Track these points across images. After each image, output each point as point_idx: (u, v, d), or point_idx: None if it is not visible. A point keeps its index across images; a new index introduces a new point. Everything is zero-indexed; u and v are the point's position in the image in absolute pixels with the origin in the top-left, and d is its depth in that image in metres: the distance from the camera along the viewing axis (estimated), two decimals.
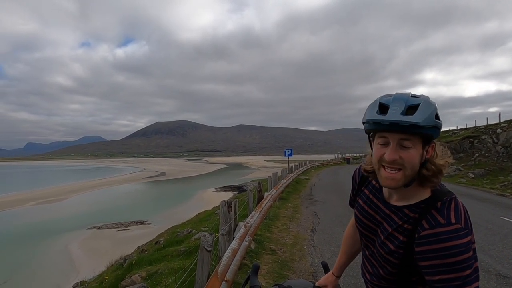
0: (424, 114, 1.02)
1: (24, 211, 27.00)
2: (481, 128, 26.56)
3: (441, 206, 1.06)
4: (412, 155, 1.05)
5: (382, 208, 1.21)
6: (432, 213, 1.06)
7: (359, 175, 1.38)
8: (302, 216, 9.57)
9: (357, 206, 1.34)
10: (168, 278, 4.99)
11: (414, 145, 1.05)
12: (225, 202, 5.33)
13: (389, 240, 1.15)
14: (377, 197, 1.25)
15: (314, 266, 5.31)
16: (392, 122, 1.03)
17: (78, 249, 16.51)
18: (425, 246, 1.03)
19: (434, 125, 1.04)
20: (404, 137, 1.04)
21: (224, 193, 31.90)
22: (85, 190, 40.16)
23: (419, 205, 1.10)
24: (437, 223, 1.03)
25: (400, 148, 1.05)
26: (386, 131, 1.06)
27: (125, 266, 7.65)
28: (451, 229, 1.00)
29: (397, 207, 1.15)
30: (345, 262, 1.59)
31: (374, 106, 1.10)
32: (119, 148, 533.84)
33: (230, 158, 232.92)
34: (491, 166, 21.18)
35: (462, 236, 0.99)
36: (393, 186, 1.09)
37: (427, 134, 1.04)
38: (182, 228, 11.02)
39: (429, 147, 1.08)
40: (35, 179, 67.00)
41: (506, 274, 4.87)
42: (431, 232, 1.03)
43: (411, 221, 1.10)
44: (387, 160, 1.06)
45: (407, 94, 1.09)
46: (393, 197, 1.18)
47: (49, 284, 12.23)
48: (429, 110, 1.03)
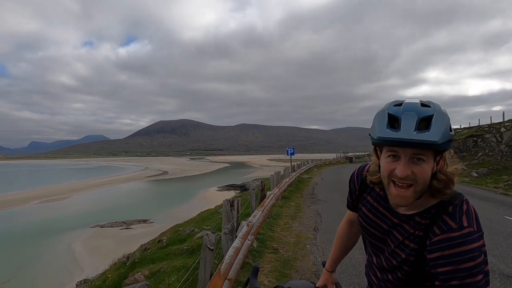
0: (440, 129, 0.96)
1: (28, 210, 27.16)
2: (484, 127, 26.41)
3: (453, 210, 1.03)
4: (425, 170, 1.00)
5: (390, 217, 1.16)
6: (444, 218, 1.03)
7: (359, 180, 1.32)
8: (305, 215, 9.56)
9: (360, 214, 1.30)
10: (171, 277, 5.00)
11: (427, 159, 1.00)
12: (227, 201, 5.34)
13: (400, 248, 1.13)
14: (383, 206, 1.20)
15: (317, 265, 5.30)
16: (407, 141, 0.96)
17: (81, 247, 16.60)
18: (438, 252, 1.00)
19: (449, 139, 0.99)
20: (417, 152, 0.99)
21: (227, 192, 31.95)
22: (88, 189, 40.35)
23: (429, 211, 1.07)
24: (449, 228, 1.00)
25: (413, 162, 1.00)
26: (397, 146, 1.00)
27: (128, 264, 7.69)
28: (463, 233, 0.98)
29: (408, 216, 1.11)
30: (339, 257, 1.59)
31: (383, 118, 1.03)
32: (122, 147, 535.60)
33: (232, 157, 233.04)
34: (494, 165, 21.07)
35: (475, 240, 0.97)
36: (403, 204, 1.05)
37: (442, 149, 1.00)
38: (184, 226, 11.05)
39: (440, 158, 1.04)
40: (39, 177, 67.36)
41: (510, 274, 4.84)
42: (443, 238, 1.00)
43: (422, 227, 1.07)
44: (399, 176, 1.01)
45: (417, 103, 1.02)
46: (401, 206, 1.13)
47: (52, 282, 12.30)
48: (444, 123, 0.98)
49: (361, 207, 1.30)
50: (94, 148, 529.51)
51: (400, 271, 1.14)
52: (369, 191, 1.27)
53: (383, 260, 1.20)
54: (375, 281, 1.27)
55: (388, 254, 1.18)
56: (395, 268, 1.15)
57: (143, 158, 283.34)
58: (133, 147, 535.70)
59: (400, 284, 1.16)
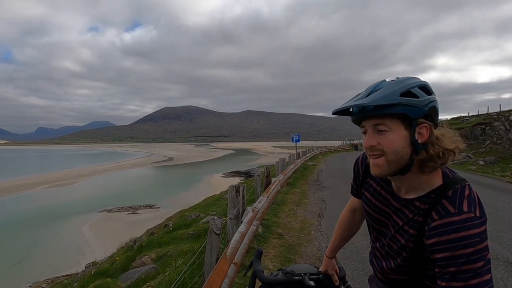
0: (379, 94, 0.97)
1: (36, 194, 27.68)
2: (493, 114, 26.01)
3: (453, 195, 1.00)
4: (390, 139, 0.99)
5: (392, 201, 1.16)
6: (442, 203, 1.00)
7: (363, 165, 1.31)
8: (309, 201, 9.61)
9: (364, 199, 1.29)
10: (177, 260, 5.10)
11: (390, 128, 0.99)
12: (233, 187, 5.37)
13: (400, 234, 1.12)
14: (385, 190, 1.19)
15: (321, 251, 5.35)
16: (342, 109, 1.02)
17: (89, 231, 16.95)
18: (435, 238, 0.97)
19: (401, 103, 0.97)
20: (376, 122, 1.00)
21: (232, 178, 32.15)
22: (95, 174, 40.88)
23: (429, 195, 1.04)
24: (447, 213, 0.97)
25: (378, 133, 1.01)
26: (360, 120, 1.04)
27: (135, 248, 7.84)
28: (462, 218, 0.94)
29: (407, 200, 1.10)
30: (339, 244, 1.59)
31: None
32: (128, 133, 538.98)
33: (237, 144, 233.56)
34: (502, 153, 20.86)
35: (475, 225, 0.93)
36: (378, 173, 1.05)
37: (397, 114, 0.98)
38: (190, 212, 11.19)
39: (420, 128, 1.00)
40: (47, 163, 68.37)
41: None
42: (440, 223, 0.97)
43: (421, 212, 1.05)
44: (365, 147, 1.04)
45: (386, 79, 1.04)
46: (401, 190, 1.12)
47: (62, 264, 12.64)
48: (390, 89, 0.98)
49: (364, 192, 1.30)
50: (100, 134, 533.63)
51: (399, 257, 1.13)
52: (372, 175, 1.26)
53: (385, 245, 1.20)
54: (378, 267, 1.27)
55: (389, 240, 1.17)
56: (396, 254, 1.15)
57: (148, 144, 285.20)
58: (139, 133, 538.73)
59: (401, 270, 1.15)
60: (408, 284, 1.17)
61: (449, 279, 0.93)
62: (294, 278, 1.43)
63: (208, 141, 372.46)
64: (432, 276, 1.06)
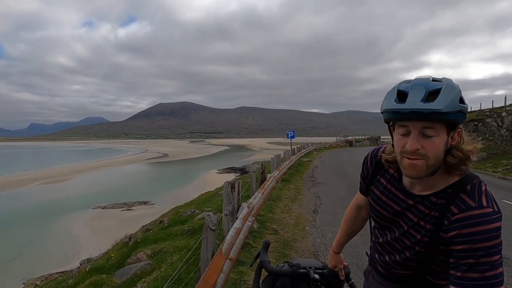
0: (447, 99, 0.95)
1: (30, 191, 27.43)
2: (486, 111, 26.30)
3: (471, 189, 1.02)
4: (436, 144, 0.99)
5: (403, 198, 1.16)
6: (461, 197, 1.02)
7: (373, 162, 1.31)
8: (304, 197, 9.66)
9: (372, 196, 1.29)
10: (173, 256, 5.11)
11: (437, 133, 0.98)
12: (228, 183, 5.38)
13: (415, 229, 1.12)
14: (396, 187, 1.20)
15: (316, 246, 5.40)
16: (412, 111, 0.96)
17: (83, 228, 16.87)
18: (455, 230, 1.00)
19: (459, 110, 0.97)
20: (426, 125, 0.98)
21: (227, 175, 32.15)
22: (89, 171, 40.60)
23: (445, 190, 1.06)
24: (468, 207, 0.99)
25: (423, 137, 0.99)
26: (406, 120, 1.00)
27: (130, 244, 7.83)
28: (483, 212, 0.97)
29: (422, 196, 1.11)
30: (345, 240, 1.61)
31: (392, 94, 1.04)
32: (122, 129, 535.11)
33: (232, 140, 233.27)
34: (494, 149, 21.13)
35: (494, 220, 0.96)
36: (415, 175, 1.03)
37: (451, 120, 0.98)
38: (185, 208, 11.19)
39: (455, 133, 1.02)
40: (40, 159, 67.66)
41: (505, 255, 4.94)
42: (462, 216, 0.99)
43: (438, 207, 1.06)
44: (409, 151, 1.00)
45: (427, 78, 1.02)
46: (415, 187, 1.13)
47: (56, 261, 12.58)
48: (452, 94, 0.97)
49: (373, 189, 1.30)
50: (94, 130, 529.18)
51: (410, 251, 1.14)
52: (382, 173, 1.27)
53: (393, 241, 1.20)
54: (381, 262, 1.28)
55: (400, 235, 1.17)
56: (405, 249, 1.16)
57: (143, 140, 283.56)
58: (133, 130, 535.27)
59: (408, 264, 1.17)
60: (411, 279, 1.19)
61: (466, 270, 0.97)
62: (299, 271, 1.45)
63: (203, 137, 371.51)
64: (437, 272, 1.10)
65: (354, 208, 1.52)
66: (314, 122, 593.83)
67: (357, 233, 1.61)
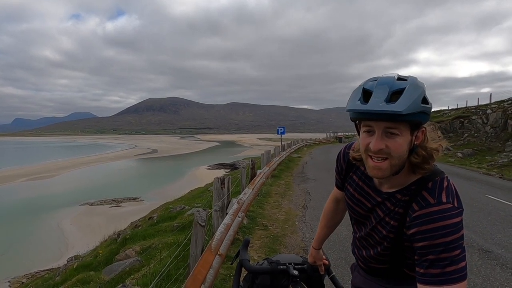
0: (408, 101, 0.95)
1: (15, 187, 26.83)
2: (471, 108, 26.86)
3: (432, 186, 1.04)
4: (399, 144, 1.00)
5: (374, 196, 1.19)
6: (422, 194, 1.04)
7: (345, 159, 1.33)
8: (294, 193, 9.72)
9: (347, 193, 1.32)
10: (162, 252, 5.08)
11: (401, 133, 0.99)
12: (218, 179, 5.37)
13: (381, 225, 1.15)
14: (367, 185, 1.22)
15: (305, 241, 5.45)
16: (373, 112, 0.97)
17: (71, 225, 16.61)
18: (415, 227, 1.01)
19: (421, 111, 0.98)
20: (389, 126, 0.99)
21: (217, 171, 32.05)
22: (77, 167, 39.92)
23: (409, 188, 1.08)
24: (427, 204, 1.01)
25: (386, 136, 1.00)
26: (370, 120, 1.01)
27: (119, 241, 7.75)
28: (441, 208, 0.98)
29: (389, 193, 1.13)
30: (326, 234, 1.62)
31: (357, 93, 1.04)
32: (110, 125, 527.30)
33: (222, 136, 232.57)
34: (479, 146, 21.63)
35: (453, 215, 0.97)
36: (380, 176, 1.05)
37: (414, 121, 0.99)
38: (175, 204, 11.11)
39: (419, 132, 1.03)
40: (25, 155, 66.16)
41: (488, 249, 5.08)
42: (421, 213, 1.01)
43: (402, 204, 1.09)
44: (373, 150, 1.02)
45: (392, 77, 1.01)
46: (384, 184, 1.15)
47: (43, 258, 12.37)
48: (414, 95, 0.96)
49: (347, 186, 1.32)
50: (81, 126, 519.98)
51: (380, 247, 1.18)
52: (354, 170, 1.29)
53: (367, 236, 1.24)
54: (359, 256, 1.32)
55: (370, 231, 1.21)
56: (376, 244, 1.19)
57: (132, 136, 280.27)
58: (122, 125, 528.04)
59: (381, 258, 1.20)
60: (388, 272, 1.22)
61: (428, 266, 0.98)
62: (278, 268, 1.46)
63: (193, 133, 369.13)
64: (410, 265, 1.11)
65: (332, 202, 1.55)
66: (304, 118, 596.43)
67: (337, 225, 1.63)
